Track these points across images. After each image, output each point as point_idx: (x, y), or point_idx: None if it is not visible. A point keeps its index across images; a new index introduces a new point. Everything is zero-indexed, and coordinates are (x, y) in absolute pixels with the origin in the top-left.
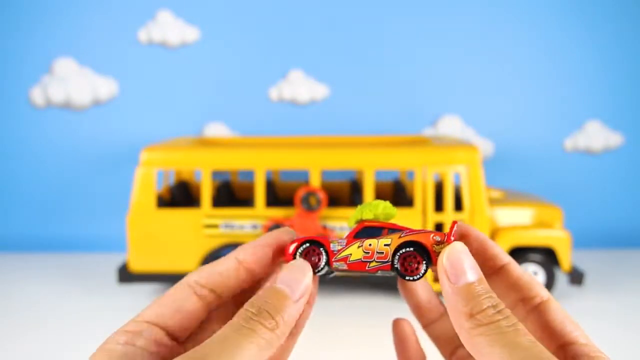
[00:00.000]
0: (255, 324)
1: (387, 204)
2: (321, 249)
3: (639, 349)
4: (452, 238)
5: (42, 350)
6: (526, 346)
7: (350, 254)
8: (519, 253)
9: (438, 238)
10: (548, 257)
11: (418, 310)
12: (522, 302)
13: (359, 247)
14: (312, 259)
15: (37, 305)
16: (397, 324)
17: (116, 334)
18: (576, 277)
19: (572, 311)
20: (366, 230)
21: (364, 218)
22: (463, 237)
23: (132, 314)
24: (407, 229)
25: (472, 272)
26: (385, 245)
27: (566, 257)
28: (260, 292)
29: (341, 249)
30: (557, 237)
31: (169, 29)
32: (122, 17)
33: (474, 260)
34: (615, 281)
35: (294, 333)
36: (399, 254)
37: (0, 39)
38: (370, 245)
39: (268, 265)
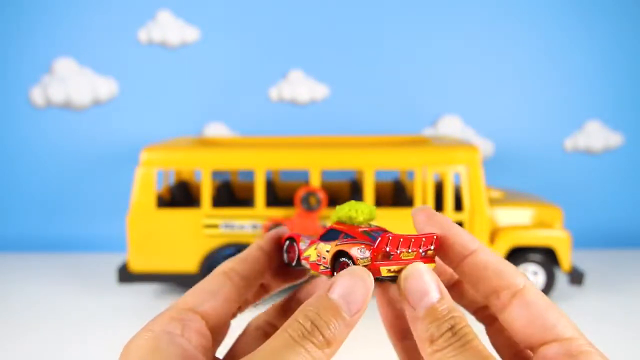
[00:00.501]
0: (306, 342)
1: (364, 205)
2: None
3: (639, 349)
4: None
5: (42, 350)
6: None
7: (310, 255)
8: (519, 253)
9: (364, 253)
10: (548, 257)
11: (389, 322)
12: (494, 294)
13: (315, 249)
14: (290, 254)
15: (37, 305)
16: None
17: (161, 319)
18: (576, 277)
19: (572, 311)
20: (330, 233)
21: (337, 219)
22: (427, 222)
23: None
24: (360, 235)
25: (430, 294)
26: (326, 251)
27: (566, 257)
28: (313, 300)
29: (305, 249)
30: (557, 237)
31: (169, 29)
32: (122, 17)
33: (434, 278)
34: (615, 281)
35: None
36: (338, 261)
37: (0, 38)
38: (321, 249)
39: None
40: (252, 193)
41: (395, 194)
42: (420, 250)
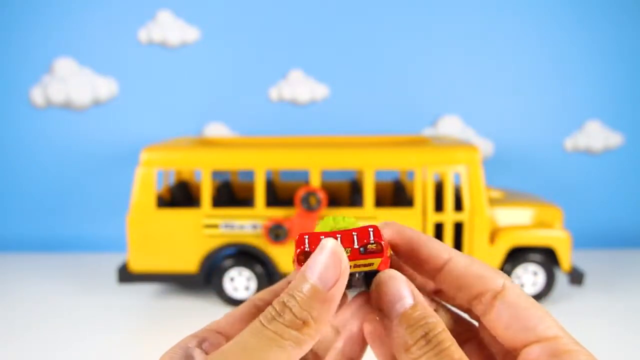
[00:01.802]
0: (277, 325)
1: (345, 219)
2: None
3: (639, 349)
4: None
5: (43, 350)
6: None
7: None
8: (519, 253)
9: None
10: (548, 257)
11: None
12: (476, 299)
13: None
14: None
15: (37, 305)
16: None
17: (183, 340)
18: (576, 277)
19: (572, 311)
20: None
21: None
22: (390, 241)
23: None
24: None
25: (402, 300)
26: None
27: (566, 257)
28: (291, 284)
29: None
30: (557, 237)
31: (169, 29)
32: (122, 17)
33: (406, 284)
34: (615, 281)
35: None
36: None
37: (0, 38)
38: None
39: None
40: (252, 193)
41: (395, 194)
42: (356, 246)
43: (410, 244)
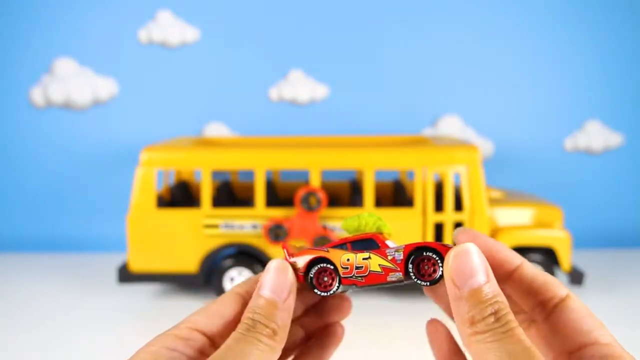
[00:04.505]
0: (255, 334)
1: (370, 218)
2: (332, 266)
3: (639, 349)
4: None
5: (43, 350)
6: (517, 353)
7: (363, 266)
8: (519, 253)
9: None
10: (548, 257)
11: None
12: (540, 305)
13: (365, 258)
14: (326, 280)
15: (37, 305)
16: (429, 325)
17: (165, 337)
18: (576, 277)
19: None
20: (360, 243)
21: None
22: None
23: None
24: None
25: (477, 276)
26: (395, 254)
27: (566, 257)
28: (251, 301)
29: (343, 261)
30: (557, 237)
31: (169, 29)
32: (122, 17)
33: (482, 261)
34: (615, 281)
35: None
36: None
37: (0, 38)
38: (373, 259)
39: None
40: (252, 193)
41: (395, 194)
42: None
43: (486, 250)
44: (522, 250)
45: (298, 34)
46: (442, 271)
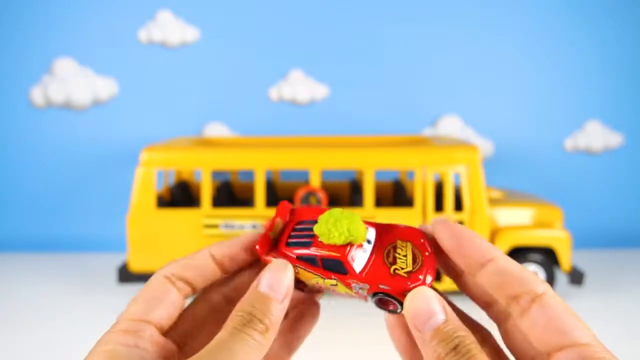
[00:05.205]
0: (248, 329)
1: (343, 223)
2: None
3: (639, 349)
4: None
5: (42, 350)
6: None
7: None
8: (519, 253)
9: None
10: (548, 257)
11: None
12: (514, 300)
13: (326, 280)
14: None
15: (37, 305)
16: (387, 316)
17: (114, 334)
18: (576, 277)
19: None
20: (329, 262)
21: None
22: (436, 234)
23: None
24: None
25: (436, 316)
26: (359, 289)
27: (566, 257)
28: (247, 295)
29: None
30: (557, 237)
31: (169, 29)
32: (122, 17)
33: (438, 300)
34: (615, 281)
35: (292, 348)
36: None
37: (0, 38)
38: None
39: (240, 263)
40: (252, 193)
41: (395, 194)
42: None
43: (457, 238)
44: (522, 250)
45: (298, 34)
46: (401, 308)
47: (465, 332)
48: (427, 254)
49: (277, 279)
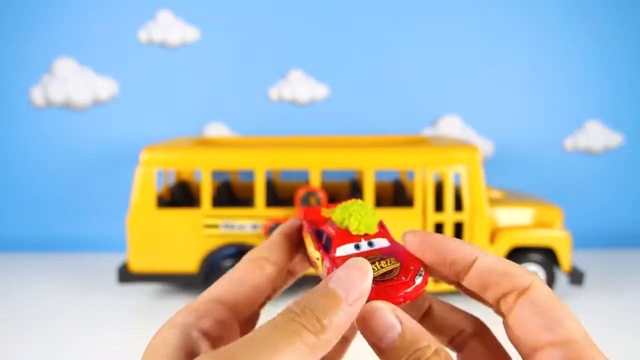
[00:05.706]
0: (297, 326)
1: (361, 216)
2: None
3: (639, 349)
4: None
5: (42, 350)
6: None
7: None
8: (519, 253)
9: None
10: (548, 257)
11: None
12: (503, 298)
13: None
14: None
15: (37, 305)
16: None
17: (183, 310)
18: (576, 277)
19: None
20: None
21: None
22: (418, 250)
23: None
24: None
25: (391, 331)
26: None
27: (566, 257)
28: (310, 291)
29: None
30: (557, 237)
31: (169, 29)
32: (122, 17)
33: (392, 314)
34: (615, 281)
35: (347, 338)
36: None
37: (0, 38)
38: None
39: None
40: (252, 193)
41: (395, 194)
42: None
43: (436, 248)
44: (522, 251)
45: (298, 34)
46: None
47: (426, 342)
48: (411, 268)
49: (351, 277)
